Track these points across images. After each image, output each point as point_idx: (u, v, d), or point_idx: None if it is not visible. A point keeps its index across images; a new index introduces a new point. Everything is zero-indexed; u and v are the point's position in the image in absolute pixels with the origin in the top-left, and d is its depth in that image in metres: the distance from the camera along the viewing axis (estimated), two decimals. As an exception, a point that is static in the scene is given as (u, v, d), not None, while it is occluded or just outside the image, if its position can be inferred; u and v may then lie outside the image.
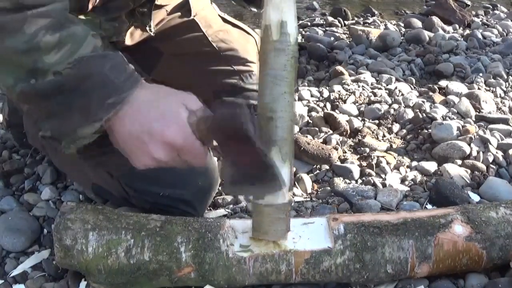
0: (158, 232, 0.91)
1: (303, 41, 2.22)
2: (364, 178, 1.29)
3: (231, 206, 1.18)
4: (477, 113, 1.58)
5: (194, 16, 1.34)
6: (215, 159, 1.18)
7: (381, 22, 2.71)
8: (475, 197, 1.20)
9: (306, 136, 1.44)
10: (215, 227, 0.93)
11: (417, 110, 1.59)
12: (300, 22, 2.56)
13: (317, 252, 0.90)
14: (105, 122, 0.77)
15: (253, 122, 0.77)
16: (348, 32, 2.49)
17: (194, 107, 0.81)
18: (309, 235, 0.93)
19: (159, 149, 0.79)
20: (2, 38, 0.73)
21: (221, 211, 1.16)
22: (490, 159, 1.34)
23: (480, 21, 2.69)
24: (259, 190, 0.84)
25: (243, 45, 1.38)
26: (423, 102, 1.64)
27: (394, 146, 1.44)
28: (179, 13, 1.32)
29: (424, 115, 1.55)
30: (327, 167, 1.33)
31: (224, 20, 1.40)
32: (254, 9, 1.20)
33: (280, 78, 0.82)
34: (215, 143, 0.82)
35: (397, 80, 1.85)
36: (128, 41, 1.20)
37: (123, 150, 0.83)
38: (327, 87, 1.79)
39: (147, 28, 1.19)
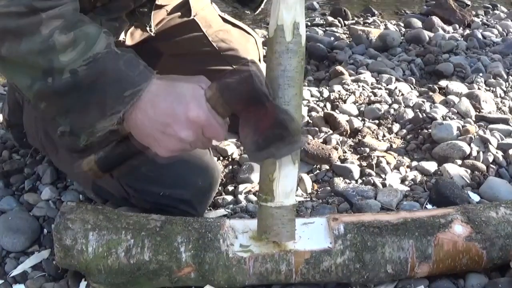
0: (158, 232, 0.91)
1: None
2: (364, 178, 1.29)
3: (231, 206, 1.18)
4: (477, 113, 1.58)
5: (194, 16, 1.34)
6: (215, 159, 1.18)
7: (381, 22, 2.71)
8: (475, 197, 1.20)
9: (306, 136, 1.44)
10: (215, 227, 0.93)
11: (417, 110, 1.59)
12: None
13: (317, 252, 0.90)
14: (123, 115, 0.79)
15: (262, 81, 0.79)
16: (348, 32, 2.49)
17: (208, 85, 0.83)
18: (309, 235, 0.93)
19: (184, 128, 0.80)
20: (19, 41, 0.75)
21: (221, 211, 1.16)
22: (490, 159, 1.34)
23: (480, 21, 2.69)
24: (285, 149, 0.83)
25: (243, 45, 1.38)
26: (423, 102, 1.64)
27: (394, 146, 1.44)
28: (179, 13, 1.32)
29: (424, 115, 1.55)
30: (327, 167, 1.33)
31: (224, 20, 1.40)
32: (248, 12, 1.20)
33: (293, 79, 0.82)
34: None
35: (397, 80, 1.85)
36: (129, 41, 1.20)
37: (145, 140, 0.84)
38: (327, 87, 1.79)
39: (148, 28, 1.19)
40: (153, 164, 1.03)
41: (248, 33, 1.42)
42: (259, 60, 1.42)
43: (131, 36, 1.20)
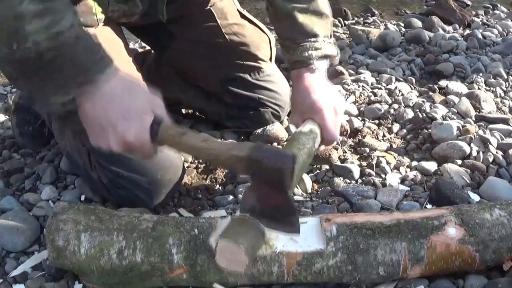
0: (150, 233, 0.91)
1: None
2: (364, 178, 1.29)
3: (231, 205, 1.18)
4: (477, 113, 1.58)
5: (211, 6, 1.34)
6: (182, 158, 1.21)
7: (381, 22, 2.71)
8: (475, 197, 1.20)
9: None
10: (206, 228, 0.92)
11: (417, 110, 1.59)
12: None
13: (309, 254, 0.89)
14: (73, 98, 0.82)
15: (292, 175, 0.80)
16: (348, 32, 2.49)
17: (159, 112, 0.87)
18: (301, 236, 0.92)
19: (116, 143, 0.85)
20: None
21: (222, 212, 1.16)
22: (490, 159, 1.33)
23: (480, 21, 2.68)
24: (275, 226, 0.85)
25: (256, 42, 1.39)
26: (423, 102, 1.64)
27: (394, 146, 1.44)
28: (196, 1, 1.33)
29: (424, 115, 1.55)
30: (327, 167, 1.33)
31: (242, 16, 1.40)
32: None
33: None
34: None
35: (397, 80, 1.85)
36: (139, 22, 1.24)
37: (86, 126, 0.88)
38: (327, 87, 1.79)
39: (160, 16, 1.20)
40: None
41: (264, 32, 1.42)
42: (270, 59, 1.43)
43: (147, 17, 1.22)
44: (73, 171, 1.29)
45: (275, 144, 1.42)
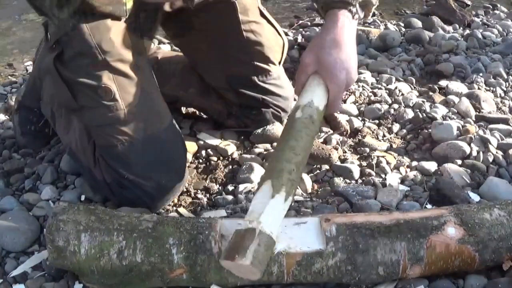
0: (150, 233, 0.91)
1: (303, 41, 2.22)
2: (364, 178, 1.29)
3: (231, 206, 1.18)
4: (477, 113, 1.58)
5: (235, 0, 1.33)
6: (187, 167, 1.23)
7: (381, 22, 2.71)
8: (475, 197, 1.20)
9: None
10: (206, 228, 0.92)
11: (417, 110, 1.59)
12: (300, 22, 2.57)
13: (309, 254, 0.90)
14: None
15: None
16: (348, 32, 2.49)
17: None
18: (301, 236, 0.92)
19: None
20: None
21: (222, 212, 1.16)
22: (490, 159, 1.33)
23: (480, 21, 2.68)
24: None
25: (270, 44, 1.38)
26: (423, 102, 1.64)
27: (394, 146, 1.44)
28: None
29: (424, 115, 1.55)
30: (327, 167, 1.33)
31: (262, 14, 1.39)
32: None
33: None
34: None
35: (397, 80, 1.85)
36: (167, 7, 1.23)
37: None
38: (327, 87, 1.79)
39: (189, 1, 1.19)
40: (130, 148, 1.09)
41: (280, 34, 1.42)
42: (279, 63, 1.42)
43: (172, 4, 1.22)
44: (73, 170, 1.29)
45: (275, 144, 1.42)
